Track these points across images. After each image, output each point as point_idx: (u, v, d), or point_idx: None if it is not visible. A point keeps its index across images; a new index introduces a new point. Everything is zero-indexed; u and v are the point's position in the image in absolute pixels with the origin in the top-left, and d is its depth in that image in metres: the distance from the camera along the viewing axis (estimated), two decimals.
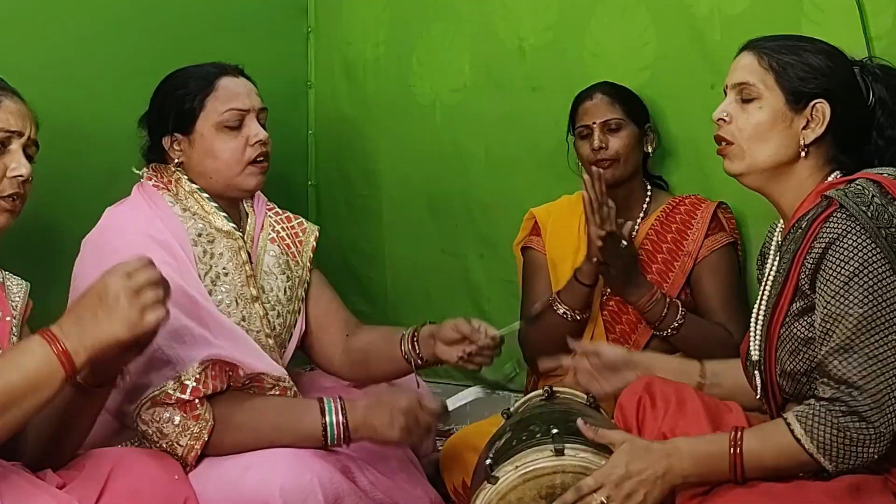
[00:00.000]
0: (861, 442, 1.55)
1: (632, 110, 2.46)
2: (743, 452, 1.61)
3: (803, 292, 1.67)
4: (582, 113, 2.48)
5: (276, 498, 1.78)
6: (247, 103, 2.08)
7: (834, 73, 1.73)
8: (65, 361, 1.49)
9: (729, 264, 2.41)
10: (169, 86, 2.12)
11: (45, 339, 1.50)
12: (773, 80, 1.72)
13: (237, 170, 2.08)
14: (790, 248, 1.70)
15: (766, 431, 1.64)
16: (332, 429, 1.90)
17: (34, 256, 2.25)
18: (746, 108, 1.74)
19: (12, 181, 1.75)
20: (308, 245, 2.28)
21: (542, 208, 2.62)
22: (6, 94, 1.77)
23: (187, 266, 1.98)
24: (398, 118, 3.13)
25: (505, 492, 1.62)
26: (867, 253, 1.57)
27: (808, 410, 1.59)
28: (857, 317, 1.57)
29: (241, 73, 2.14)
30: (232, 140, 2.06)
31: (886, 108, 1.75)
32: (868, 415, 1.54)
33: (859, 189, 1.64)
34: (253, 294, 2.08)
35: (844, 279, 1.58)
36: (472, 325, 2.11)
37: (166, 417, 1.85)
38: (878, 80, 1.76)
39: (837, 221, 1.61)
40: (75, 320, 1.51)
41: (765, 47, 1.75)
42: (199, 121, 2.06)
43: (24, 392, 1.49)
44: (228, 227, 2.09)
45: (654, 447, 1.64)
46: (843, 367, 1.57)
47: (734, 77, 1.77)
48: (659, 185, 2.57)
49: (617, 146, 2.42)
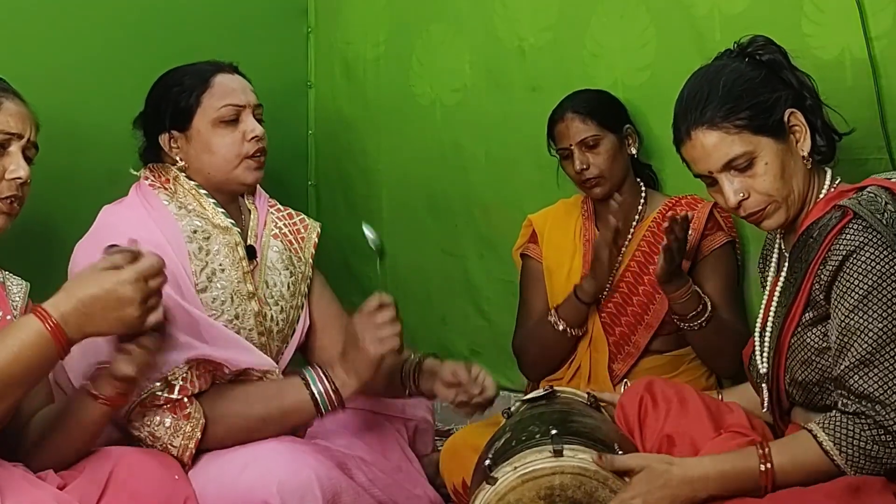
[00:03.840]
0: (888, 455, 1.55)
1: (606, 120, 2.43)
2: (775, 469, 1.58)
3: (816, 302, 1.66)
4: (558, 135, 2.47)
5: (274, 495, 1.78)
6: (242, 99, 2.09)
7: (768, 79, 1.73)
8: (59, 339, 1.53)
9: (728, 263, 2.40)
10: (164, 84, 2.12)
11: (38, 316, 1.53)
12: (750, 134, 1.70)
13: (235, 164, 2.08)
14: (802, 258, 1.68)
15: (791, 445, 1.62)
16: (322, 398, 1.91)
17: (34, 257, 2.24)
18: (754, 173, 1.70)
19: (10, 183, 1.75)
20: (310, 241, 2.28)
21: (539, 215, 2.62)
22: (7, 96, 1.77)
23: (178, 267, 1.97)
24: (398, 118, 3.13)
25: (504, 493, 1.62)
26: (886, 265, 1.56)
27: (835, 423, 1.58)
28: (877, 331, 1.56)
29: (235, 70, 2.15)
30: (228, 135, 2.07)
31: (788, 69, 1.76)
32: (894, 429, 1.54)
33: (872, 197, 1.63)
34: (249, 290, 2.08)
35: (863, 293, 1.57)
36: (470, 373, 2.11)
37: (157, 421, 1.85)
38: (770, 53, 1.77)
39: (854, 233, 1.59)
40: (79, 307, 1.54)
41: (714, 119, 1.70)
42: (195, 117, 2.07)
43: (18, 368, 1.52)
44: (226, 224, 2.09)
45: (674, 473, 1.59)
46: (864, 383, 1.56)
47: (713, 162, 1.71)
48: (651, 184, 2.57)
49: (598, 162, 2.41)
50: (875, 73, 2.15)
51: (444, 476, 2.26)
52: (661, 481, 1.57)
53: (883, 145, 2.15)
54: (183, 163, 2.09)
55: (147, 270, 1.57)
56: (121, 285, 1.54)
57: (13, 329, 1.55)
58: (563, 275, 2.52)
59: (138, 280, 1.55)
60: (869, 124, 2.14)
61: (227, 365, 1.93)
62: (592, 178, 2.42)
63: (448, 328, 3.11)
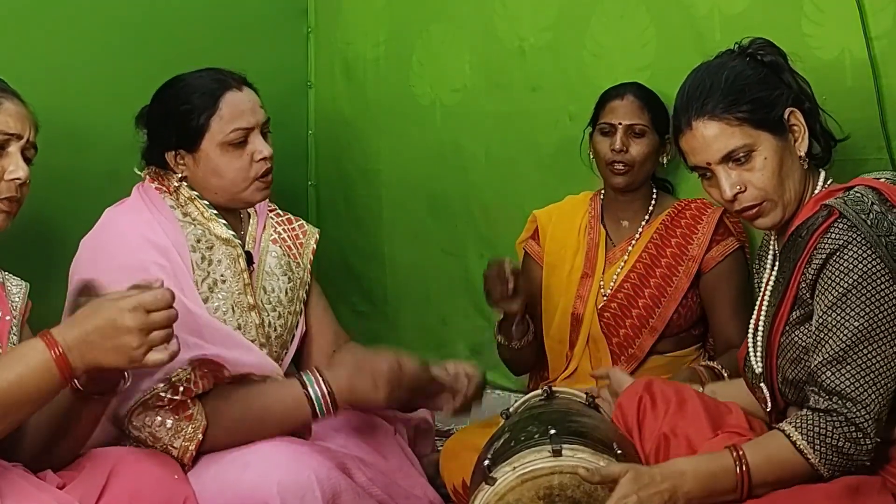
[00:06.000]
0: (858, 452, 1.56)
1: (658, 119, 2.41)
2: (750, 469, 1.59)
3: (803, 301, 1.67)
4: (609, 110, 2.44)
5: (274, 495, 1.78)
6: (251, 121, 2.05)
7: (769, 77, 1.73)
8: (63, 368, 1.51)
9: (739, 270, 2.39)
10: (172, 98, 2.07)
11: (45, 342, 1.51)
12: (750, 128, 1.70)
13: (242, 186, 2.06)
14: (790, 258, 1.69)
15: (764, 445, 1.62)
16: (318, 400, 1.91)
17: (34, 257, 2.25)
18: (752, 167, 1.70)
19: (9, 184, 1.75)
20: (308, 247, 2.28)
21: (544, 211, 2.61)
22: (7, 96, 1.77)
23: (183, 272, 1.97)
24: (398, 118, 3.13)
25: (503, 493, 1.61)
26: (868, 264, 1.57)
27: (806, 421, 1.59)
28: (853, 329, 1.56)
29: (243, 83, 2.09)
30: (237, 159, 2.04)
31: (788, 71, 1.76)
32: (865, 426, 1.55)
33: (858, 196, 1.63)
34: (250, 302, 2.08)
35: (843, 290, 1.57)
36: (449, 372, 2.08)
37: (158, 421, 1.85)
38: (771, 54, 1.76)
39: (838, 232, 1.60)
40: (82, 336, 1.52)
41: (715, 110, 1.70)
42: (203, 141, 2.03)
43: (20, 392, 1.50)
44: (227, 235, 2.08)
45: (655, 471, 1.61)
46: (836, 379, 1.57)
47: (712, 153, 1.71)
48: (665, 189, 2.57)
49: (636, 152, 2.40)
50: (875, 73, 2.15)
51: (444, 476, 2.26)
52: (647, 479, 1.58)
53: (883, 145, 2.15)
54: (182, 174, 2.06)
55: (149, 302, 1.52)
56: (119, 313, 1.51)
57: (20, 351, 1.54)
58: (565, 271, 2.51)
59: (136, 309, 1.51)
60: (869, 124, 2.14)
61: (228, 366, 1.92)
62: (624, 164, 2.40)
63: (448, 328, 3.11)
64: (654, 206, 2.50)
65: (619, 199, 2.50)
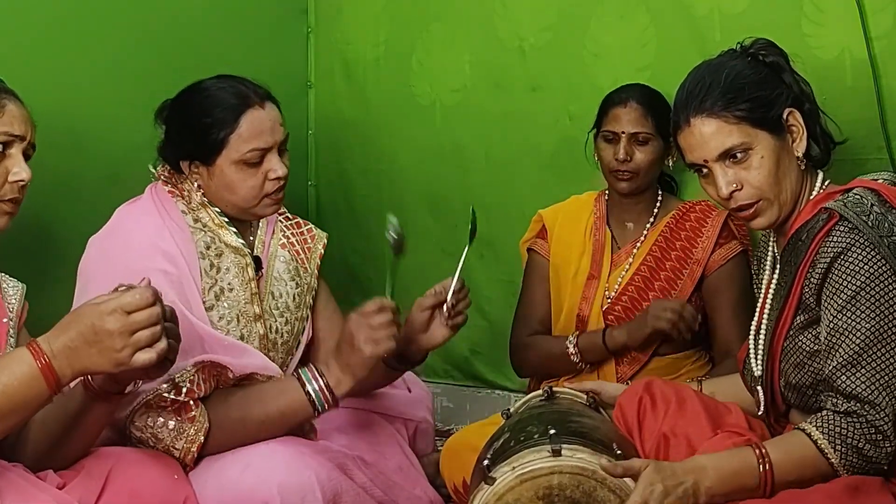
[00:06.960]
0: (878, 454, 1.56)
1: (662, 124, 2.36)
2: (774, 467, 1.58)
3: (807, 305, 1.67)
4: (612, 117, 2.42)
5: (275, 496, 1.78)
6: (269, 141, 2.01)
7: (770, 77, 1.73)
8: (49, 376, 1.49)
9: (742, 273, 2.38)
10: (192, 109, 2.03)
11: (31, 352, 1.49)
12: (749, 126, 1.69)
13: (253, 203, 2.04)
14: (791, 261, 1.69)
15: (787, 445, 1.62)
16: (317, 395, 1.90)
17: (31, 258, 2.25)
18: (749, 165, 1.70)
19: (13, 186, 1.75)
20: (316, 252, 2.26)
21: (549, 210, 2.60)
22: (10, 98, 1.76)
23: (189, 280, 1.96)
24: (398, 118, 3.13)
25: (502, 493, 1.61)
26: (873, 266, 1.57)
27: (828, 422, 1.58)
28: (865, 331, 1.56)
29: (266, 98, 2.04)
30: (251, 177, 2.01)
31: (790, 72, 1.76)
32: (885, 429, 1.55)
33: (857, 199, 1.63)
34: (256, 312, 2.07)
35: (851, 293, 1.57)
36: (433, 290, 2.12)
37: (160, 423, 1.84)
38: (773, 55, 1.76)
39: (840, 235, 1.60)
40: (67, 343, 1.49)
41: (714, 107, 1.70)
42: (220, 157, 2.00)
43: (8, 403, 1.48)
44: (237, 244, 2.06)
45: (677, 465, 1.60)
46: (851, 383, 1.57)
47: (709, 150, 1.71)
48: (669, 188, 2.56)
49: (640, 160, 2.38)
50: (875, 73, 2.15)
51: (444, 476, 2.26)
52: (668, 472, 1.57)
53: (883, 145, 2.16)
54: (196, 182, 2.04)
55: (129, 303, 1.48)
56: (98, 317, 1.48)
57: (5, 362, 1.52)
58: (570, 273, 2.51)
59: (115, 312, 1.47)
60: (869, 124, 2.15)
61: (232, 369, 1.92)
62: (628, 171, 2.39)
63: None
64: (658, 208, 2.49)
65: (624, 202, 2.49)
